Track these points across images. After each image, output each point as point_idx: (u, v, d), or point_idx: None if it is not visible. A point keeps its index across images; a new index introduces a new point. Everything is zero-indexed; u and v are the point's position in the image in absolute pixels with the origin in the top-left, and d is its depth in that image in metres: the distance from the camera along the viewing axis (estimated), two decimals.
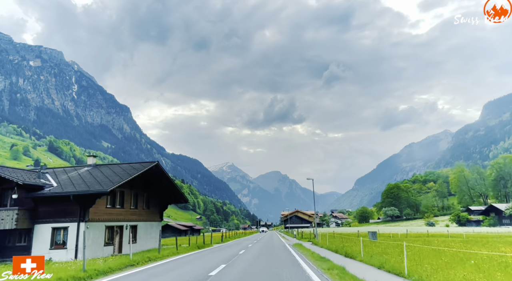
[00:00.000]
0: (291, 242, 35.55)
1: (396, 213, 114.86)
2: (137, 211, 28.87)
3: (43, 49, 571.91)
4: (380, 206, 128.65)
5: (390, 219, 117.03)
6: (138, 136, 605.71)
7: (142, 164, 29.11)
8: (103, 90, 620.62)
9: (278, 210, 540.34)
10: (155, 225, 32.03)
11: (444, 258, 13.86)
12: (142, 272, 14.28)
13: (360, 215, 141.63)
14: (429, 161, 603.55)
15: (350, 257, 17.56)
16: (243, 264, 15.89)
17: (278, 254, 21.13)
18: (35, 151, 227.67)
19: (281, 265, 15.09)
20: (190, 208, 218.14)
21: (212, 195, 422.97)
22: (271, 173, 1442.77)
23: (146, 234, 29.67)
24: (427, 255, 15.65)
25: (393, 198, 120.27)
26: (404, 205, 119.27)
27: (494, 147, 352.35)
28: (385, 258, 14.48)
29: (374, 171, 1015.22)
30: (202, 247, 30.20)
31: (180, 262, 17.79)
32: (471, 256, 14.32)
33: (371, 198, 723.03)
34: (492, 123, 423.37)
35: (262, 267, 14.64)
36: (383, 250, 18.34)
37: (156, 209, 32.59)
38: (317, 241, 31.92)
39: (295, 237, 39.80)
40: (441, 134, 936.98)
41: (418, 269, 11.14)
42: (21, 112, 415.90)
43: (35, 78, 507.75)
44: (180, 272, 13.95)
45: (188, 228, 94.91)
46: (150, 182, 29.95)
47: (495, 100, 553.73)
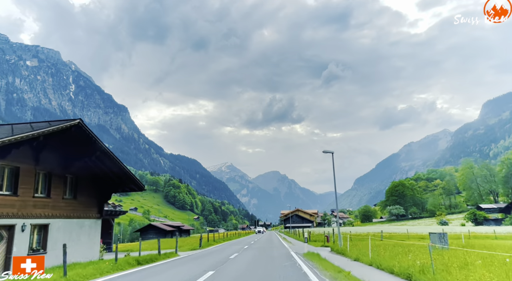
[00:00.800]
0: (298, 248, 26.29)
1: (401, 211, 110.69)
2: (50, 202, 18.58)
3: (40, 49, 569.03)
4: (384, 205, 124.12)
5: (395, 218, 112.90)
6: (136, 136, 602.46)
7: (50, 122, 17.77)
8: (101, 90, 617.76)
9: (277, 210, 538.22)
10: (89, 224, 21.72)
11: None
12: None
13: (362, 214, 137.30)
14: (428, 160, 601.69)
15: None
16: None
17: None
18: None
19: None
20: (187, 208, 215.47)
21: (210, 195, 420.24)
22: (270, 173, 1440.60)
23: (71, 239, 19.45)
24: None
25: (398, 196, 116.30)
26: (409, 203, 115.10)
27: (495, 145, 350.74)
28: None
29: (373, 170, 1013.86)
30: (158, 259, 19.93)
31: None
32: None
33: (370, 197, 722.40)
34: (492, 122, 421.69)
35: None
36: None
37: (91, 199, 22.20)
38: (340, 248, 21.49)
39: (305, 241, 26.45)
40: (440, 134, 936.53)
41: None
42: (17, 112, 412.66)
43: (32, 78, 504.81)
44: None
45: (175, 228, 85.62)
46: (78, 157, 19.71)
47: (494, 99, 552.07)
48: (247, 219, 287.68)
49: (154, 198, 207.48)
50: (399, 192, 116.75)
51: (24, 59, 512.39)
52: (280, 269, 13.67)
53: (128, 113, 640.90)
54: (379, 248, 18.15)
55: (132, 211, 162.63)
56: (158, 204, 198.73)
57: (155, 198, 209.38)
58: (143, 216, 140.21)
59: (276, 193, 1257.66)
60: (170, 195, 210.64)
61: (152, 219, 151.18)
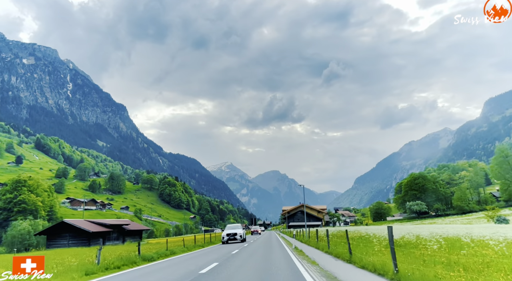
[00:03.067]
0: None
1: (423, 208, 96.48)
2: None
3: (36, 47, 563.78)
4: (401, 201, 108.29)
5: (416, 215, 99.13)
6: (134, 135, 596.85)
7: None
8: (99, 89, 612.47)
9: (277, 210, 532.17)
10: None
11: None
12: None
13: (375, 211, 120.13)
14: (430, 159, 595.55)
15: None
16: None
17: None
18: (21, 148, 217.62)
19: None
20: (184, 207, 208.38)
21: (210, 195, 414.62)
22: (270, 173, 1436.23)
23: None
24: None
25: (418, 190, 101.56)
26: (432, 198, 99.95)
27: (499, 143, 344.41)
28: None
29: (374, 169, 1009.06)
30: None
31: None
32: None
33: (371, 196, 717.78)
34: (495, 119, 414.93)
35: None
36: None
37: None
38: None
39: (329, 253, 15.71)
40: (441, 132, 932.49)
41: None
42: (12, 110, 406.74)
43: (28, 76, 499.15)
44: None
45: (113, 228, 53.50)
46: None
47: (496, 97, 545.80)
48: (246, 218, 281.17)
49: (148, 197, 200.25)
50: (419, 185, 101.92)
51: (21, 57, 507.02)
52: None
53: (127, 112, 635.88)
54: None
55: (123, 210, 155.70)
56: (153, 203, 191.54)
57: (150, 196, 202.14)
58: (134, 216, 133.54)
59: (276, 192, 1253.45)
60: (165, 194, 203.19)
61: (144, 218, 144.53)
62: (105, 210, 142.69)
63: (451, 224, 49.75)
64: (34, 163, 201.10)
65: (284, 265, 12.78)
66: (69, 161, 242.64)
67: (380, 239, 17.30)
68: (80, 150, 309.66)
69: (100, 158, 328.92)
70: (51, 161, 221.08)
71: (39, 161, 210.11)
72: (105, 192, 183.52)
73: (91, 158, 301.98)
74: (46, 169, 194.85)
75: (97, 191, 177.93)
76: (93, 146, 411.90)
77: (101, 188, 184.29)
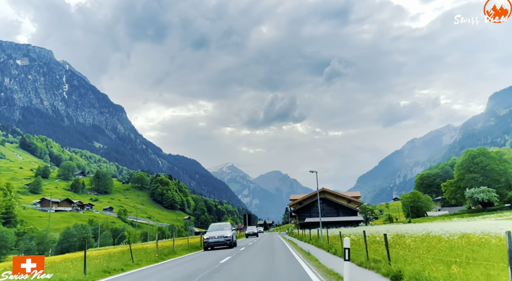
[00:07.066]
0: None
1: (493, 197, 67.02)
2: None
3: (31, 47, 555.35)
4: (453, 188, 79.94)
5: (481, 207, 71.19)
6: (133, 137, 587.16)
7: None
8: (96, 90, 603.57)
9: (279, 210, 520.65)
10: None
11: None
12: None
13: (411, 205, 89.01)
14: (434, 156, 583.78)
15: None
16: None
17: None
18: (2, 148, 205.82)
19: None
20: (177, 207, 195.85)
21: (211, 196, 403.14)
22: (271, 173, 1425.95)
23: None
24: None
25: (478, 172, 74.49)
26: (501, 184, 71.92)
27: (509, 136, 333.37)
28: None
29: (376, 168, 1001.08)
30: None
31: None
32: None
33: (375, 195, 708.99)
34: (503, 113, 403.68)
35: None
36: None
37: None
38: None
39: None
40: (444, 129, 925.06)
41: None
42: (5, 111, 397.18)
43: (22, 77, 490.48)
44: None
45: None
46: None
47: (501, 91, 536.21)
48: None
49: (138, 197, 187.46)
50: (480, 166, 74.14)
51: (14, 58, 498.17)
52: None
53: (125, 113, 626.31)
54: None
55: (106, 211, 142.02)
56: (143, 203, 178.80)
57: (140, 196, 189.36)
58: (117, 217, 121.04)
59: (278, 193, 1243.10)
60: (157, 193, 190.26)
61: (130, 220, 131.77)
62: (82, 212, 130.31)
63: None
64: (15, 162, 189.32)
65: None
66: (57, 161, 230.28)
67: None
68: (72, 151, 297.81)
69: (94, 158, 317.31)
70: (36, 161, 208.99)
71: (22, 161, 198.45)
72: (90, 192, 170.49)
73: (83, 158, 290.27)
74: (27, 168, 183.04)
75: (80, 191, 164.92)
76: (90, 148, 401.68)
77: (85, 188, 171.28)
